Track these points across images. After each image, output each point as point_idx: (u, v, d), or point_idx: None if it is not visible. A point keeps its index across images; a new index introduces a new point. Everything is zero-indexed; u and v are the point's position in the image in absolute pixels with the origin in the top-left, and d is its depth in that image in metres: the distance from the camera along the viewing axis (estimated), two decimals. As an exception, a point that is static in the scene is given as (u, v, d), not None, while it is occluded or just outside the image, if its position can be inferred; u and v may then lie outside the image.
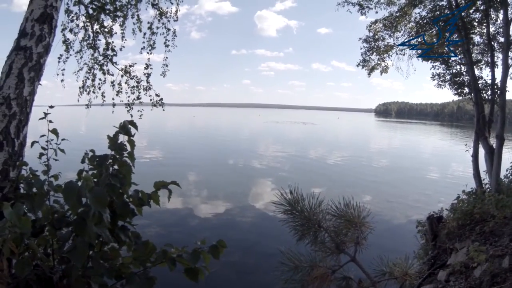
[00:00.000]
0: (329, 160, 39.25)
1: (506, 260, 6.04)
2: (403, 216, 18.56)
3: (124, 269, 2.69)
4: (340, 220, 2.57)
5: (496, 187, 12.60)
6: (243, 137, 66.28)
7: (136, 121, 9.52)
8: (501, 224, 8.42)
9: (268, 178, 28.04)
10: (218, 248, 2.75)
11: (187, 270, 2.64)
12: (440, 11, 16.80)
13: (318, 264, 2.41)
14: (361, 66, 18.60)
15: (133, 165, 2.85)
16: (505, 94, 14.62)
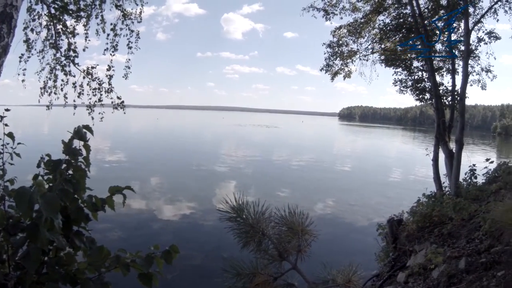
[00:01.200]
0: (292, 163, 39.39)
1: (463, 261, 6.21)
2: (365, 219, 18.83)
3: (79, 275, 2.67)
4: (284, 228, 2.63)
5: (456, 190, 12.95)
6: (207, 140, 65.99)
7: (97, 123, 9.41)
8: (458, 226, 8.64)
9: (231, 182, 28.05)
10: (171, 253, 2.76)
11: (140, 275, 2.65)
12: (404, 19, 17.19)
13: (259, 272, 2.48)
14: (324, 71, 18.79)
15: (89, 170, 2.82)
16: (464, 100, 15.02)
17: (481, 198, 10.98)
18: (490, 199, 10.30)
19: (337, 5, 17.68)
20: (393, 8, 17.81)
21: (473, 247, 6.88)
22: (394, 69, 17.74)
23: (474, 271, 5.84)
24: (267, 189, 25.27)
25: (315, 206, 21.52)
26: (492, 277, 5.33)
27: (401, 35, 17.26)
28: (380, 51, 18.37)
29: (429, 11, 17.30)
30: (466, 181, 13.73)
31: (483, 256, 6.12)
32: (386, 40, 18.06)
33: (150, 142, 56.07)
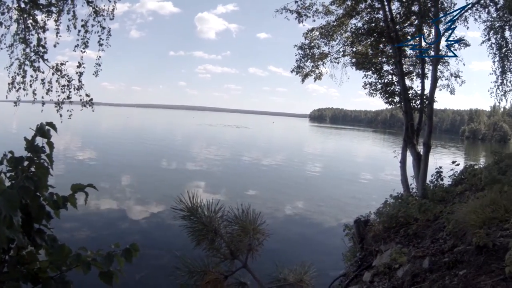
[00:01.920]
0: (262, 164, 39.47)
1: (426, 261, 6.38)
2: (333, 219, 18.98)
3: (41, 274, 2.61)
4: (236, 227, 2.69)
5: (422, 192, 13.21)
6: (177, 140, 65.60)
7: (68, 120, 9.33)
8: (423, 227, 8.83)
9: (201, 181, 27.97)
10: (131, 251, 2.72)
11: (101, 273, 2.61)
12: (376, 23, 17.43)
13: (210, 270, 2.55)
14: (295, 72, 18.90)
15: (52, 167, 2.74)
16: (433, 104, 15.33)
17: (447, 199, 11.22)
18: (455, 200, 10.55)
19: (310, 7, 17.74)
20: (365, 13, 17.98)
21: (437, 247, 7.05)
22: (364, 72, 17.99)
23: (437, 270, 5.99)
24: (236, 190, 25.34)
25: (284, 207, 21.67)
26: (454, 276, 5.47)
27: (373, 39, 17.50)
28: (352, 54, 18.58)
29: (400, 17, 17.58)
30: (432, 183, 13.99)
31: (447, 255, 6.27)
32: (358, 44, 18.28)
33: (120, 141, 55.42)
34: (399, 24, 17.56)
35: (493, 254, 5.51)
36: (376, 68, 17.88)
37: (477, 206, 6.87)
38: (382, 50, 17.89)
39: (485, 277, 5.02)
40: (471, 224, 6.45)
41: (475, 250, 5.80)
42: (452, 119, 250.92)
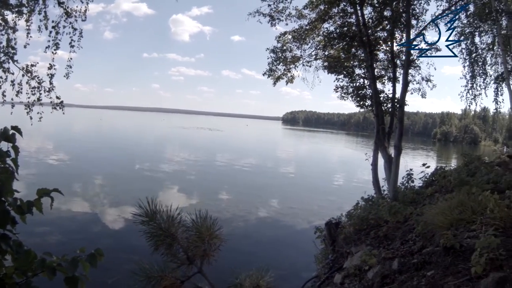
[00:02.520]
0: (235, 167, 39.46)
1: (396, 262, 6.47)
2: (305, 222, 19.09)
3: (7, 280, 2.57)
4: (193, 232, 2.72)
5: (394, 194, 13.38)
6: (150, 142, 65.01)
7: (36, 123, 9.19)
8: (394, 229, 8.95)
9: (173, 185, 27.87)
10: (96, 256, 2.70)
11: (66, 279, 2.57)
12: (348, 27, 17.60)
13: (167, 275, 2.58)
14: (267, 75, 18.94)
15: (17, 172, 2.67)
16: (403, 107, 15.54)
17: (417, 201, 11.37)
18: (425, 202, 10.70)
19: (283, 11, 17.85)
20: (338, 17, 18.15)
21: (406, 248, 7.15)
22: (336, 76, 18.15)
23: (406, 271, 6.07)
24: (209, 193, 25.31)
25: (257, 209, 21.72)
26: (422, 276, 5.55)
27: (345, 43, 17.65)
28: (324, 58, 18.73)
29: (373, 21, 17.76)
30: (403, 185, 14.18)
31: (415, 257, 6.36)
32: (330, 48, 18.42)
33: (92, 143, 54.77)
34: (371, 28, 17.76)
35: (460, 255, 5.61)
36: (348, 72, 18.08)
37: (445, 208, 6.99)
38: (354, 54, 18.07)
39: (452, 278, 5.11)
40: (439, 225, 6.57)
41: (442, 251, 5.90)
42: (424, 122, 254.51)
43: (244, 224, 19.11)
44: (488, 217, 6.43)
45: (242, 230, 18.21)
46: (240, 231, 17.95)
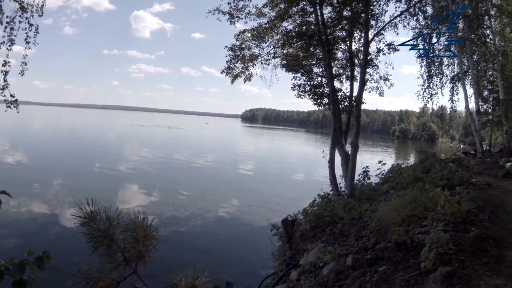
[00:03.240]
0: (194, 164, 39.26)
1: (350, 258, 6.55)
2: (264, 219, 19.09)
3: None
4: (130, 233, 2.72)
5: (350, 191, 13.59)
6: (109, 141, 64.04)
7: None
8: (349, 225, 9.06)
9: (132, 183, 27.48)
10: (43, 259, 2.61)
11: (14, 282, 2.50)
12: (307, 26, 17.73)
13: (103, 276, 2.58)
14: (225, 73, 19.00)
15: None
16: (360, 105, 15.78)
17: (373, 198, 11.59)
18: (381, 198, 10.90)
19: (243, 9, 17.82)
20: (298, 16, 18.27)
21: (361, 245, 7.24)
22: (293, 74, 18.27)
23: (359, 267, 6.14)
24: (167, 191, 25.12)
25: (215, 207, 21.68)
26: (375, 272, 5.64)
27: (304, 42, 17.78)
28: (282, 56, 18.83)
29: (332, 21, 17.94)
30: (360, 181, 14.39)
31: (369, 253, 6.46)
32: (289, 46, 18.54)
33: (50, 142, 53.56)
34: (330, 28, 17.94)
35: (411, 250, 5.73)
36: (306, 70, 18.22)
37: (398, 204, 7.14)
38: (312, 53, 18.22)
39: (403, 273, 5.21)
40: (392, 222, 6.70)
41: (394, 247, 6.02)
42: (383, 120, 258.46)
43: (202, 222, 19.05)
44: (439, 213, 6.60)
45: (200, 228, 18.15)
46: (199, 230, 17.89)
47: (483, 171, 13.23)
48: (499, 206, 7.62)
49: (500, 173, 12.52)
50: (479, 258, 5.11)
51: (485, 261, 5.02)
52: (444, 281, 4.52)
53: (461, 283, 4.48)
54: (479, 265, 4.93)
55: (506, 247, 5.45)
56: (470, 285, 4.43)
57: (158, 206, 20.92)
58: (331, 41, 17.86)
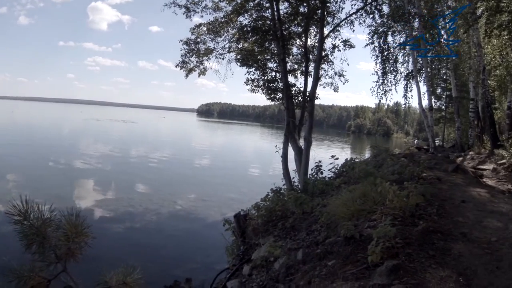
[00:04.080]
0: (149, 159, 38.65)
1: (300, 253, 6.59)
2: (218, 214, 19.02)
3: None
4: (62, 231, 2.66)
5: (304, 185, 13.68)
6: (64, 136, 62.44)
7: None
8: (300, 220, 9.14)
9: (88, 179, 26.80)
10: None
11: None
12: (263, 21, 17.73)
13: (34, 274, 2.52)
14: (179, 67, 18.84)
15: None
16: (314, 101, 15.93)
17: (326, 192, 11.69)
18: (333, 193, 11.01)
19: (200, 3, 17.74)
20: (254, 10, 18.25)
21: (311, 239, 7.30)
22: (247, 69, 18.26)
23: (309, 261, 6.19)
24: (122, 187, 24.77)
25: (170, 202, 21.47)
26: (324, 266, 5.68)
27: (259, 36, 17.77)
28: (237, 51, 18.79)
29: (288, 17, 18.00)
30: (313, 176, 14.47)
31: (319, 247, 6.53)
32: (244, 41, 18.52)
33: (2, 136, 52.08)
34: (286, 23, 18.00)
35: (360, 244, 5.80)
36: (260, 65, 18.21)
37: (348, 199, 7.22)
38: (267, 48, 18.24)
39: (351, 266, 5.26)
40: (342, 216, 6.77)
41: (343, 241, 6.08)
42: (339, 115, 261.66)
43: (157, 217, 18.85)
44: (388, 207, 6.70)
45: (155, 224, 17.96)
46: (153, 225, 17.70)
47: (434, 165, 13.47)
48: (447, 199, 7.80)
49: (450, 167, 12.82)
50: (425, 251, 5.24)
51: (431, 254, 5.15)
52: (389, 275, 4.59)
53: (406, 276, 4.56)
54: (426, 258, 5.06)
55: (452, 240, 5.60)
56: (416, 278, 4.51)
57: (113, 202, 20.57)
58: (287, 36, 17.93)
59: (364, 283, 4.67)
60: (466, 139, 28.83)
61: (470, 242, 5.54)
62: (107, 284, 2.70)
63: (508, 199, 8.43)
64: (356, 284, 4.68)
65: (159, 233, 16.63)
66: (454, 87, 29.10)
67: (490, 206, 7.46)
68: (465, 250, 5.25)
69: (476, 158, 18.98)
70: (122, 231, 16.37)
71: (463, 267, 4.77)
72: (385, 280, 4.54)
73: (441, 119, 43.33)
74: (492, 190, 9.95)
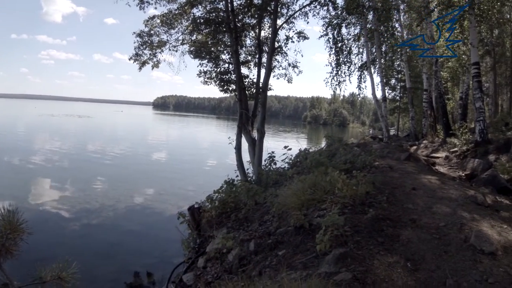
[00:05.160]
0: (105, 154, 38.04)
1: (252, 244, 6.62)
2: (175, 207, 18.85)
3: None
4: None
5: (258, 176, 13.74)
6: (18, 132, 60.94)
7: None
8: (253, 211, 9.19)
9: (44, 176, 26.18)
10: None
11: None
12: (216, 13, 17.69)
13: None
14: (133, 60, 18.62)
15: None
16: (266, 92, 16.02)
17: (280, 183, 11.73)
18: (287, 183, 11.07)
19: None
20: (208, 2, 18.17)
21: (264, 230, 7.34)
22: (200, 61, 18.21)
23: (261, 252, 6.24)
24: (78, 183, 24.29)
25: (126, 197, 21.21)
26: (275, 256, 5.74)
27: (212, 28, 17.71)
28: (191, 43, 18.68)
29: (242, 8, 18.01)
30: (266, 167, 14.53)
31: (271, 237, 6.57)
32: (197, 33, 18.44)
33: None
34: (240, 15, 18.01)
35: (309, 233, 5.88)
36: (212, 57, 18.19)
37: (299, 189, 7.27)
38: (220, 39, 18.21)
39: (301, 256, 5.33)
40: (292, 206, 6.82)
41: (294, 230, 6.15)
42: (295, 106, 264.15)
43: (114, 213, 18.59)
44: (338, 196, 6.77)
45: (112, 219, 17.73)
46: (110, 221, 17.47)
47: (387, 154, 13.69)
48: (398, 187, 7.93)
49: (403, 156, 13.05)
50: (374, 238, 5.33)
51: (380, 241, 5.25)
52: (337, 262, 4.65)
53: (354, 264, 4.63)
54: (374, 245, 5.15)
55: (402, 227, 5.72)
56: (364, 265, 4.59)
57: (69, 200, 20.16)
58: (240, 28, 17.94)
59: (312, 271, 4.72)
60: (420, 128, 29.54)
61: (419, 228, 5.67)
62: (42, 280, 2.65)
63: (458, 185, 8.66)
64: (304, 273, 4.73)
65: (116, 229, 16.44)
66: (408, 78, 29.73)
67: (440, 193, 7.61)
68: (413, 236, 5.36)
69: (430, 146, 19.45)
70: (79, 229, 16.09)
71: (411, 253, 4.89)
72: (333, 268, 4.60)
73: (396, 109, 44.24)
74: (443, 177, 10.19)
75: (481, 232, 5.28)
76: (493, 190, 8.84)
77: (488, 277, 4.32)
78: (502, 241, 5.19)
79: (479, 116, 14.73)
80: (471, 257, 4.75)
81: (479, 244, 4.96)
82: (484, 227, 5.62)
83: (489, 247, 4.90)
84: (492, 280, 4.26)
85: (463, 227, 5.59)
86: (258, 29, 18.36)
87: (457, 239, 5.23)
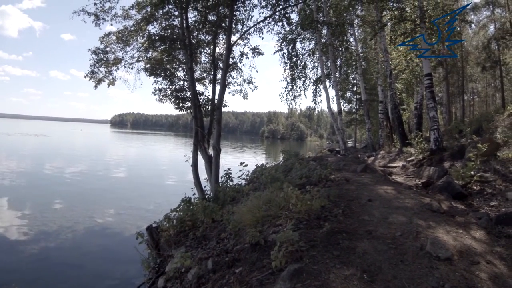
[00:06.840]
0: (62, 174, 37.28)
1: (210, 262, 6.60)
2: (134, 227, 18.60)
3: None
4: None
5: (215, 193, 13.72)
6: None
7: None
8: (211, 229, 9.20)
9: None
10: None
11: None
12: (171, 29, 17.72)
13: None
14: (89, 78, 18.29)
15: None
16: (221, 109, 16.08)
17: (237, 199, 11.75)
18: (243, 200, 11.08)
19: (109, 11, 17.33)
20: (163, 19, 18.19)
21: (221, 247, 7.34)
22: (155, 78, 18.13)
23: (219, 270, 6.24)
24: (36, 205, 23.69)
25: (85, 218, 20.73)
26: (233, 274, 5.75)
27: (167, 45, 17.68)
28: (146, 60, 18.61)
29: (197, 25, 18.07)
30: (223, 184, 14.51)
31: (228, 255, 6.57)
32: (153, 50, 18.38)
33: None
34: (195, 31, 18.07)
35: (265, 250, 5.92)
36: (167, 74, 18.17)
37: (254, 205, 7.30)
38: (175, 57, 18.21)
39: (257, 273, 5.35)
40: (248, 223, 6.85)
41: (250, 248, 6.18)
42: (252, 121, 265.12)
43: (72, 235, 18.14)
44: (293, 211, 6.82)
45: (70, 242, 17.28)
46: (69, 243, 17.03)
47: (343, 167, 13.84)
48: (354, 199, 8.01)
49: (359, 168, 13.22)
50: (330, 252, 5.38)
51: (336, 254, 5.30)
52: (292, 279, 4.69)
53: (309, 279, 4.68)
54: (330, 258, 5.19)
55: (358, 239, 5.79)
56: (319, 279, 4.63)
57: (25, 222, 19.54)
58: (195, 45, 17.99)
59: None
60: (376, 139, 30.15)
61: (375, 239, 5.74)
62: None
63: (414, 194, 8.80)
64: (260, 290, 4.72)
65: (75, 251, 16.05)
66: (363, 91, 30.40)
67: (396, 203, 7.69)
68: (370, 247, 5.43)
69: (387, 156, 19.82)
70: (37, 252, 15.63)
71: (367, 264, 4.94)
72: (288, 284, 4.64)
73: (353, 121, 44.99)
74: (400, 187, 10.35)
75: (436, 239, 5.43)
76: (449, 196, 9.08)
77: (445, 282, 4.44)
78: (458, 246, 5.36)
79: (433, 125, 15.14)
80: (428, 264, 4.86)
81: (435, 251, 5.09)
82: (440, 234, 5.78)
83: (445, 253, 5.04)
84: (448, 286, 4.38)
85: (418, 235, 5.72)
86: (213, 45, 18.46)
87: (413, 248, 5.34)
